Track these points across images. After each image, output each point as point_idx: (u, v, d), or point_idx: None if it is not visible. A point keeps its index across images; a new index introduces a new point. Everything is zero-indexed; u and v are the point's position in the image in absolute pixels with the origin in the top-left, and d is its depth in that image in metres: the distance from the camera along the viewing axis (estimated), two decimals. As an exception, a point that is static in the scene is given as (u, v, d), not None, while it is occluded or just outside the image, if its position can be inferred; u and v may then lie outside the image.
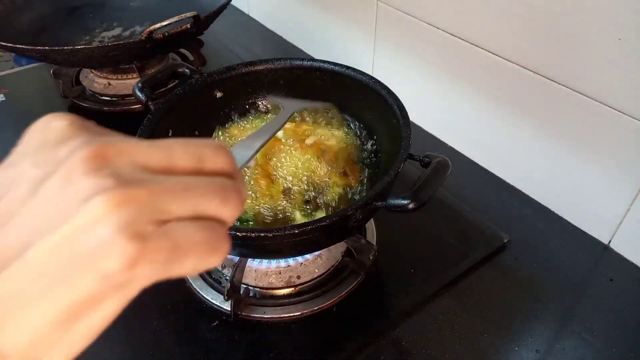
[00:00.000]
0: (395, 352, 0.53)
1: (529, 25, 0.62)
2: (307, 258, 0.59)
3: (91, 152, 0.19)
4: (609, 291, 0.60)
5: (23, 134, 0.23)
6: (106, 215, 0.18)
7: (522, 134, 0.69)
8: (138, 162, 0.20)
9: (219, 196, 0.21)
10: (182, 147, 0.22)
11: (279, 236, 0.45)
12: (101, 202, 0.18)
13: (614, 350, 0.53)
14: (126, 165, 0.20)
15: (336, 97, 0.67)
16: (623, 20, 0.52)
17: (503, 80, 0.68)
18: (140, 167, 0.20)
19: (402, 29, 0.80)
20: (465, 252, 0.63)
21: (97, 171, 0.19)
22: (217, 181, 0.22)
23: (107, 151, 0.20)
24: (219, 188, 0.22)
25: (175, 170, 0.21)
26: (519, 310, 0.58)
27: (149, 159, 0.21)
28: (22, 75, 1.02)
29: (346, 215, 0.46)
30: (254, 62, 0.67)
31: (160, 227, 0.19)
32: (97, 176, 0.19)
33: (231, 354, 0.53)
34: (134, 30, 0.98)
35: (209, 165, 0.22)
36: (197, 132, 0.66)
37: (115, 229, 0.18)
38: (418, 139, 0.81)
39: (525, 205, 0.71)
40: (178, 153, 0.21)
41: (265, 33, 1.17)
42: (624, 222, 0.62)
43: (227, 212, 0.22)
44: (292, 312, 0.56)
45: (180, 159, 0.21)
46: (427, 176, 0.49)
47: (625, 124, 0.57)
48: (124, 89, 0.91)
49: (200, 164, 0.22)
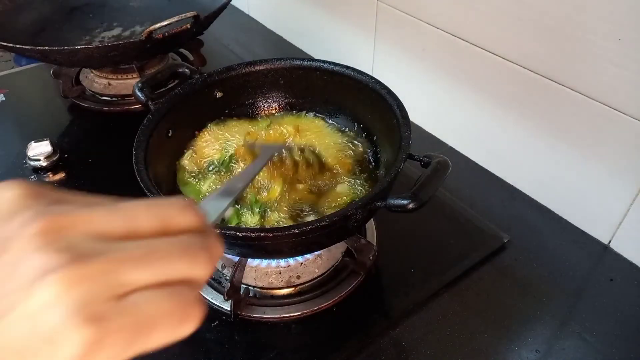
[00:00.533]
0: (395, 352, 0.53)
1: (528, 25, 0.62)
2: (307, 258, 0.59)
3: (42, 227, 0.18)
4: (609, 291, 0.60)
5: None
6: (59, 298, 0.17)
7: (522, 134, 0.69)
8: (95, 231, 0.19)
9: (185, 256, 0.20)
10: (144, 209, 0.20)
11: (279, 236, 0.45)
12: (53, 282, 0.17)
13: (614, 350, 0.53)
14: (81, 237, 0.18)
15: (336, 97, 0.67)
16: (623, 20, 0.52)
17: (503, 80, 0.68)
18: (98, 236, 0.19)
19: (402, 29, 0.80)
20: (465, 252, 0.63)
21: (47, 247, 0.17)
22: (183, 240, 0.20)
23: (59, 223, 0.18)
24: (185, 247, 0.20)
25: (137, 234, 0.20)
26: (519, 310, 0.58)
27: (108, 226, 0.19)
28: (22, 75, 1.02)
29: (346, 215, 0.46)
30: (254, 62, 0.67)
31: (121, 302, 0.18)
32: (48, 253, 0.17)
33: (231, 354, 0.53)
34: (134, 30, 0.98)
35: (174, 225, 0.21)
36: (197, 132, 0.66)
37: (68, 313, 0.17)
38: (418, 139, 0.81)
39: (525, 205, 0.71)
40: (140, 216, 0.20)
41: (265, 33, 1.17)
42: (624, 222, 0.62)
43: (197, 272, 0.20)
44: (292, 312, 0.56)
45: (142, 222, 0.20)
46: (427, 176, 0.49)
47: (625, 124, 0.57)
48: (124, 89, 0.91)
49: (164, 224, 0.20)
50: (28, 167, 0.76)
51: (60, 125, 0.89)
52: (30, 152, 0.76)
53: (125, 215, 0.20)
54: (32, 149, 0.76)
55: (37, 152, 0.76)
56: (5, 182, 0.20)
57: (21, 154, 0.77)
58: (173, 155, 0.63)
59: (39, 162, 0.76)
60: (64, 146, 0.80)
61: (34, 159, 0.76)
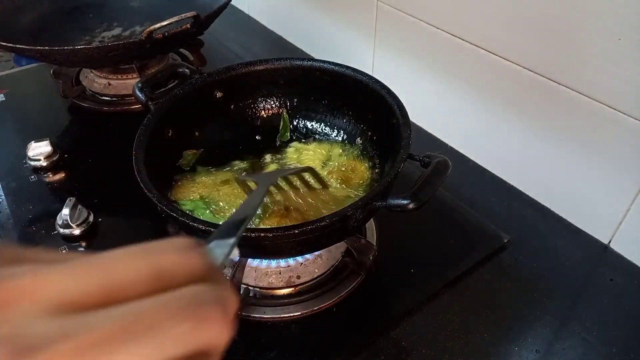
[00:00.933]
0: (395, 352, 0.53)
1: (528, 25, 0.62)
2: (307, 258, 0.59)
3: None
4: (609, 291, 0.60)
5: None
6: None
7: (522, 134, 0.69)
8: (56, 301, 0.14)
9: (193, 317, 0.15)
10: (130, 258, 0.15)
11: (279, 236, 0.45)
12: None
13: (614, 351, 0.53)
14: (32, 314, 0.14)
15: (336, 97, 0.67)
16: (623, 20, 0.52)
17: (503, 80, 0.68)
18: (59, 308, 0.14)
19: (402, 29, 0.80)
20: (465, 252, 0.63)
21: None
22: (186, 294, 0.15)
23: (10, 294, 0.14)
24: (191, 304, 0.15)
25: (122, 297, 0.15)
26: (519, 310, 0.58)
27: (76, 290, 0.14)
28: (22, 75, 1.02)
29: (346, 215, 0.46)
30: (254, 62, 0.67)
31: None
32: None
33: (231, 354, 0.53)
34: (134, 30, 0.98)
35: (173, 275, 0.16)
36: (197, 133, 0.66)
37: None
38: (418, 139, 0.81)
39: (525, 205, 0.71)
40: (124, 270, 0.15)
41: (265, 33, 1.17)
42: (624, 222, 0.62)
43: (211, 335, 0.15)
44: (292, 312, 0.56)
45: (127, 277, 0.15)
46: (427, 176, 0.49)
47: (625, 124, 0.57)
48: (124, 89, 0.91)
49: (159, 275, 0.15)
50: (28, 167, 0.76)
51: (60, 125, 0.89)
52: (30, 152, 0.76)
53: (103, 271, 0.15)
54: (32, 149, 0.76)
55: (37, 152, 0.76)
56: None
57: (21, 154, 0.77)
58: (173, 156, 0.63)
59: (39, 162, 0.76)
60: (64, 146, 0.80)
61: (34, 159, 0.76)
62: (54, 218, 0.66)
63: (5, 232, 0.66)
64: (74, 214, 0.65)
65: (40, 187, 0.74)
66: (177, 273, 0.16)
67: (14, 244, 0.65)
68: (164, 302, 0.15)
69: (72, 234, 0.65)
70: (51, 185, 0.75)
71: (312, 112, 0.69)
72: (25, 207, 0.70)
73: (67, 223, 0.64)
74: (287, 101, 0.70)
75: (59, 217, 0.65)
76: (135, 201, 0.53)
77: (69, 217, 0.64)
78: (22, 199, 0.72)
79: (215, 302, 0.16)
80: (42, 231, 0.66)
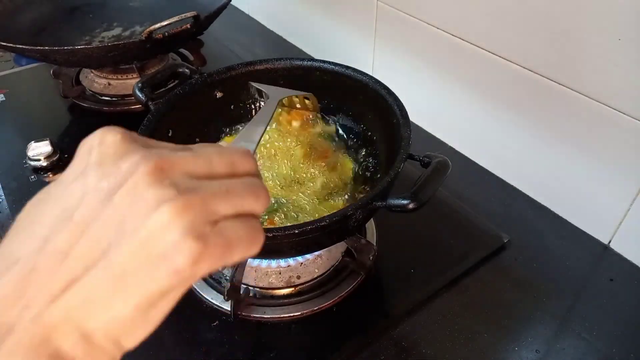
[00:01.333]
0: (395, 352, 0.53)
1: (528, 25, 0.62)
2: (307, 258, 0.59)
3: (151, 167, 0.22)
4: (609, 291, 0.60)
5: (79, 147, 0.25)
6: (173, 221, 0.21)
7: (522, 134, 0.69)
8: (187, 172, 0.24)
9: (252, 194, 0.25)
10: (218, 155, 0.25)
11: (279, 236, 0.45)
12: (167, 210, 0.21)
13: (614, 350, 0.53)
14: (180, 176, 0.23)
15: (336, 97, 0.67)
16: (623, 20, 0.52)
17: (503, 80, 0.68)
18: (190, 175, 0.24)
19: (402, 29, 0.80)
20: (465, 252, 0.63)
21: (159, 183, 0.22)
22: (247, 181, 0.26)
23: (163, 164, 0.23)
24: (250, 187, 0.25)
25: (215, 175, 0.25)
26: (519, 310, 0.58)
27: (195, 168, 0.24)
28: (22, 75, 1.02)
29: (346, 215, 0.46)
30: (254, 62, 0.67)
31: (214, 227, 0.23)
32: (160, 187, 0.22)
33: (231, 354, 0.53)
34: (134, 30, 0.98)
35: (239, 169, 0.26)
36: (197, 140, 0.66)
37: (182, 232, 0.21)
38: (418, 139, 0.81)
39: (525, 205, 0.71)
40: (215, 161, 0.25)
41: (265, 33, 1.17)
42: (624, 222, 0.62)
43: (259, 207, 0.26)
44: (292, 312, 0.56)
45: (217, 166, 0.25)
46: (427, 176, 0.49)
47: (625, 124, 0.57)
48: (124, 89, 0.91)
49: (233, 168, 0.26)
50: (28, 167, 0.76)
51: (60, 125, 0.89)
52: (30, 152, 0.76)
53: (206, 160, 0.25)
54: (32, 149, 0.76)
55: (37, 152, 0.76)
56: (107, 128, 0.25)
57: (21, 154, 0.77)
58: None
59: (39, 162, 0.76)
60: (64, 146, 0.80)
61: (34, 159, 0.76)
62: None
63: (5, 232, 0.66)
64: None
65: (40, 187, 0.73)
66: (242, 166, 0.26)
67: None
68: (241, 183, 0.25)
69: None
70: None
71: (312, 112, 0.69)
72: (25, 207, 0.70)
73: None
74: (287, 101, 0.70)
75: None
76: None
77: None
78: (22, 199, 0.71)
79: (262, 188, 0.26)
80: (42, 231, 0.66)
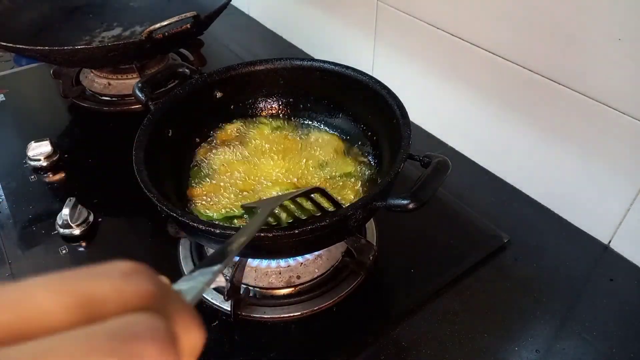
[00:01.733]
0: (395, 352, 0.53)
1: (529, 25, 0.62)
2: (307, 258, 0.59)
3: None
4: (609, 291, 0.60)
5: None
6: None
7: (522, 134, 0.69)
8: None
9: (115, 351, 0.12)
10: (50, 289, 0.13)
11: (279, 236, 0.45)
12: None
13: (613, 351, 0.53)
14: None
15: (336, 97, 0.67)
16: (623, 20, 0.52)
17: (503, 80, 0.68)
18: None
19: (402, 29, 0.80)
20: (465, 252, 0.63)
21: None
22: (112, 326, 0.13)
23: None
24: (114, 337, 0.13)
25: (40, 330, 0.13)
26: (519, 310, 0.58)
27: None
28: (22, 75, 1.02)
29: (346, 215, 0.46)
30: (254, 62, 0.67)
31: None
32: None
33: (231, 354, 0.53)
34: (134, 30, 0.98)
35: (102, 306, 0.13)
36: (197, 140, 0.66)
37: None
38: (418, 139, 0.81)
39: (525, 205, 0.71)
40: (42, 303, 0.13)
41: (265, 33, 1.17)
42: (624, 222, 0.62)
43: None
44: (292, 312, 0.56)
45: (46, 311, 0.13)
46: (427, 176, 0.48)
47: (625, 124, 0.57)
48: (124, 89, 0.91)
49: (86, 308, 0.13)
50: (28, 167, 0.76)
51: (60, 125, 0.89)
52: (30, 152, 0.76)
53: (14, 302, 0.13)
54: (32, 149, 0.76)
55: (37, 152, 0.76)
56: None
57: (21, 154, 0.77)
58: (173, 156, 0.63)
59: (39, 162, 0.76)
60: (64, 146, 0.80)
61: (34, 159, 0.76)
62: (54, 218, 0.66)
63: (5, 232, 0.66)
64: (74, 214, 0.65)
65: (40, 187, 0.74)
66: (110, 301, 0.13)
67: (14, 244, 0.65)
68: (85, 335, 0.12)
69: (72, 234, 0.65)
70: (51, 185, 0.75)
71: (312, 112, 0.69)
72: (25, 207, 0.70)
73: (67, 223, 0.64)
74: (287, 101, 0.70)
75: (59, 217, 0.65)
76: (135, 201, 0.53)
77: (69, 217, 0.64)
78: (22, 199, 0.72)
79: (153, 335, 0.13)
80: (42, 231, 0.66)
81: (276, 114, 0.70)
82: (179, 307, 0.14)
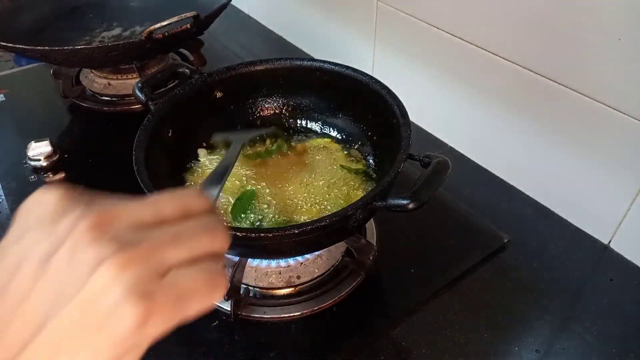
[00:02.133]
0: (395, 352, 0.53)
1: (528, 25, 0.62)
2: (307, 258, 0.59)
3: (90, 223, 0.21)
4: (609, 291, 0.60)
5: (16, 212, 0.24)
6: (114, 280, 0.20)
7: (522, 134, 0.69)
8: (132, 222, 0.22)
9: (206, 234, 0.24)
10: (167, 199, 0.24)
11: (279, 236, 0.45)
12: (107, 268, 0.20)
13: (614, 351, 0.53)
14: (123, 228, 0.21)
15: (336, 97, 0.67)
16: (623, 20, 0.52)
17: (503, 80, 0.68)
18: (135, 226, 0.22)
19: (402, 29, 0.80)
20: (465, 252, 0.63)
21: (98, 240, 0.20)
22: (201, 221, 0.24)
23: (104, 218, 0.21)
24: (205, 226, 0.24)
25: (165, 221, 0.23)
26: (519, 310, 0.58)
27: (141, 217, 0.22)
28: (22, 75, 1.02)
29: (346, 215, 0.46)
30: (254, 62, 0.67)
31: (163, 280, 0.21)
32: (99, 244, 0.20)
33: (231, 354, 0.53)
34: (134, 30, 0.98)
35: (192, 209, 0.24)
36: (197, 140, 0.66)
37: (124, 291, 0.20)
38: (418, 139, 0.81)
39: (525, 205, 0.71)
40: (165, 206, 0.24)
41: (265, 33, 1.17)
42: (624, 222, 0.62)
43: (218, 245, 0.24)
44: (292, 312, 0.56)
45: (167, 210, 0.23)
46: (427, 176, 0.48)
47: (625, 124, 0.57)
48: (124, 89, 0.91)
49: (184, 210, 0.24)
50: (28, 167, 0.76)
51: (60, 125, 0.89)
52: (30, 152, 0.76)
53: (153, 206, 0.23)
54: (32, 149, 0.76)
55: (37, 152, 0.76)
56: (44, 188, 0.24)
57: (21, 154, 0.77)
58: (173, 156, 0.63)
59: (39, 162, 0.76)
60: (64, 146, 0.80)
61: (34, 159, 0.76)
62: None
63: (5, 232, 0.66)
64: None
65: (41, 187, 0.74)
66: (195, 208, 0.24)
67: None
68: (193, 225, 0.24)
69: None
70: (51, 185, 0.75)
71: (312, 112, 0.69)
72: (25, 207, 0.70)
73: None
74: (287, 101, 0.70)
75: None
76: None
77: None
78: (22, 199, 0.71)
79: (218, 226, 0.24)
80: (42, 231, 0.66)
81: (276, 114, 0.70)
82: (217, 210, 0.27)
